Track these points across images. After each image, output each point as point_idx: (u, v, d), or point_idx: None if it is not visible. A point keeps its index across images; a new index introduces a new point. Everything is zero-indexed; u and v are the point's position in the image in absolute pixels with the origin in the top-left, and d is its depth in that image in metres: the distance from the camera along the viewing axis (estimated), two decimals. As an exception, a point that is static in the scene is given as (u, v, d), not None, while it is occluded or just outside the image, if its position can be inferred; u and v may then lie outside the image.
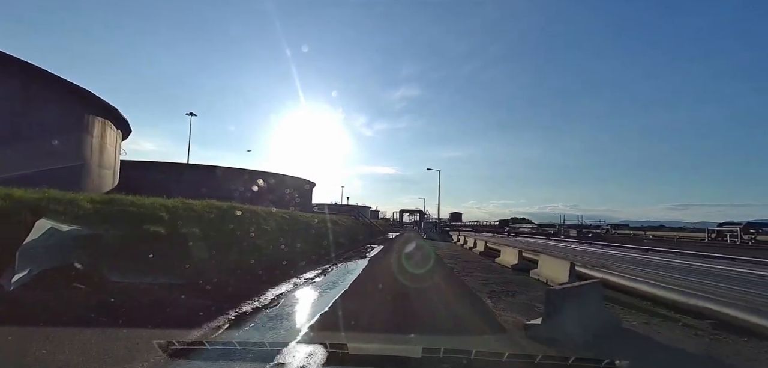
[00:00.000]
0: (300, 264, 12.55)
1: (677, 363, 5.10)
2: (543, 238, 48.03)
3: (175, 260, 8.37)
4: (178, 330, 5.30)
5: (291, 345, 4.72)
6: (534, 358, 3.17)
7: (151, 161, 38.03)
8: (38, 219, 6.74)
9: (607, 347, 5.33)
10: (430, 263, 16.00)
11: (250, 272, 9.87)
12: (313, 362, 4.06)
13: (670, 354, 5.29)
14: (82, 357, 4.09)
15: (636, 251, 21.26)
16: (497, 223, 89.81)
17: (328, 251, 17.26)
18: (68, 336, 4.64)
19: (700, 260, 16.64)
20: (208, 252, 9.45)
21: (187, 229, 9.82)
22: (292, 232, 16.38)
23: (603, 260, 14.69)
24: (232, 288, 8.07)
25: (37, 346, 4.28)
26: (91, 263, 6.78)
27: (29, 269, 6.03)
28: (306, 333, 5.61)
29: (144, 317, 5.62)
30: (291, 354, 4.34)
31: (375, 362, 3.19)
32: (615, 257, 16.50)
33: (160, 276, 7.56)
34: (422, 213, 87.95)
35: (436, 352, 3.04)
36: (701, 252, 21.38)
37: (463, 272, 13.14)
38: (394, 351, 4.04)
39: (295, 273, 10.99)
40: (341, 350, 3.29)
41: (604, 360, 3.02)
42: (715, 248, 31.30)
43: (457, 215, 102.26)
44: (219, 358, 3.38)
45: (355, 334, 5.72)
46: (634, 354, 5.13)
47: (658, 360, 5.13)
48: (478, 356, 2.99)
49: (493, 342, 5.60)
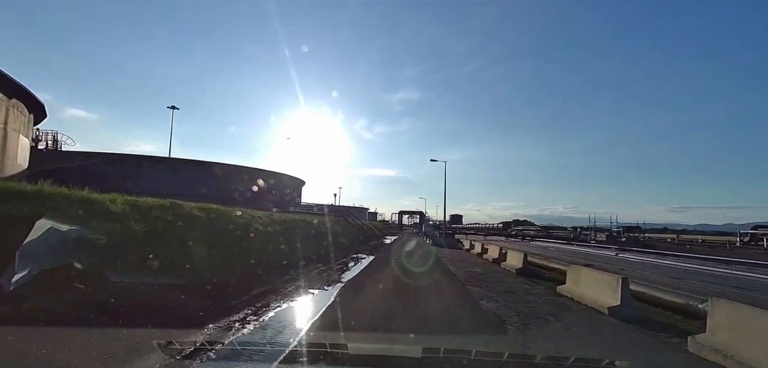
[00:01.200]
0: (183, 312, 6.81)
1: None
2: (562, 243, 42.46)
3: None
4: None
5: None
6: (534, 358, 3.17)
7: (100, 152, 29.80)
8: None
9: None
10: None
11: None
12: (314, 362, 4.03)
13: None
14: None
15: (715, 264, 16.90)
16: (500, 225, 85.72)
17: (286, 270, 11.22)
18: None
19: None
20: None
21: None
22: (246, 239, 12.08)
23: (682, 279, 11.44)
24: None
25: (35, 346, 4.27)
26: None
27: (29, 269, 6.03)
28: (306, 333, 5.58)
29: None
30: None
31: (375, 362, 3.17)
32: (693, 273, 12.82)
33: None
34: (423, 215, 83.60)
35: (436, 352, 3.03)
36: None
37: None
38: (394, 351, 4.01)
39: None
40: (341, 350, 3.28)
41: (604, 360, 3.02)
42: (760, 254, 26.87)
43: (457, 218, 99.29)
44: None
45: (355, 334, 5.70)
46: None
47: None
48: (478, 356, 2.97)
49: (493, 342, 5.57)
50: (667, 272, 13.20)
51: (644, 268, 14.52)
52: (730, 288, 11.01)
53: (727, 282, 12.26)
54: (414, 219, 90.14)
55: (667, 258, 21.07)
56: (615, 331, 6.50)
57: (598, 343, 5.92)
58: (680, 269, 14.67)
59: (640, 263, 17.41)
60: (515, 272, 13.45)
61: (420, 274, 12.99)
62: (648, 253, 25.77)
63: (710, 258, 21.79)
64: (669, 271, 13.58)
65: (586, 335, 6.23)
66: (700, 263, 17.61)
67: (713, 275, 13.63)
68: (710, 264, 17.45)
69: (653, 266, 15.91)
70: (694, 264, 17.22)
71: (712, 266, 16.69)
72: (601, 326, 6.83)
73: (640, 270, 13.07)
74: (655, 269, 14.55)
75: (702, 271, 14.80)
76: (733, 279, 12.50)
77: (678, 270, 14.22)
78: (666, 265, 16.40)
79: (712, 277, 12.85)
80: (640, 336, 6.22)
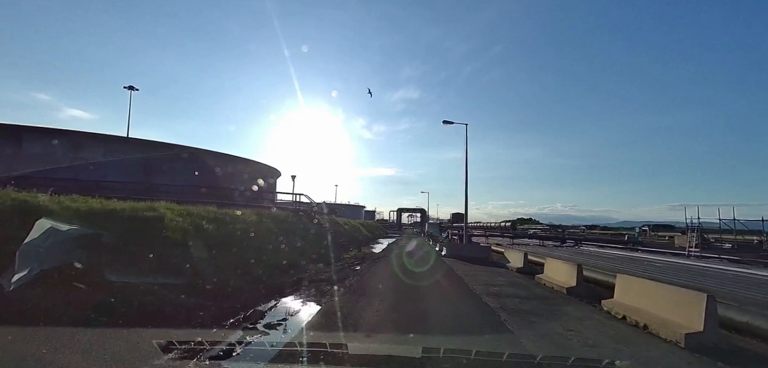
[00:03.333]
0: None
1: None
2: (614, 248, 29.64)
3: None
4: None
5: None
6: (534, 358, 3.15)
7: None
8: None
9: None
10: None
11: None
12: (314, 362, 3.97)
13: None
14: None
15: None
16: (507, 224, 63.10)
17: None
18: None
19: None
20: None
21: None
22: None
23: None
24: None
25: (36, 346, 4.27)
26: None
27: (29, 269, 6.02)
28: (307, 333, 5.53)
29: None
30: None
31: (375, 362, 3.16)
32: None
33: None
34: (424, 212, 73.59)
35: (436, 352, 3.02)
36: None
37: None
38: (394, 351, 4.00)
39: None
40: (341, 350, 3.25)
41: (605, 360, 3.00)
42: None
43: (459, 216, 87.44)
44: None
45: (355, 335, 5.68)
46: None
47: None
48: (478, 356, 2.96)
49: (493, 342, 5.54)
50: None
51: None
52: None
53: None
54: (414, 218, 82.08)
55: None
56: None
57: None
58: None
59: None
60: (566, 291, 9.65)
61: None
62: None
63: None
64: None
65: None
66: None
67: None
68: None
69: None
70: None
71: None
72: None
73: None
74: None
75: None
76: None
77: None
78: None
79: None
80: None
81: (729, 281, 11.69)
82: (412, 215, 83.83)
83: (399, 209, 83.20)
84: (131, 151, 24.47)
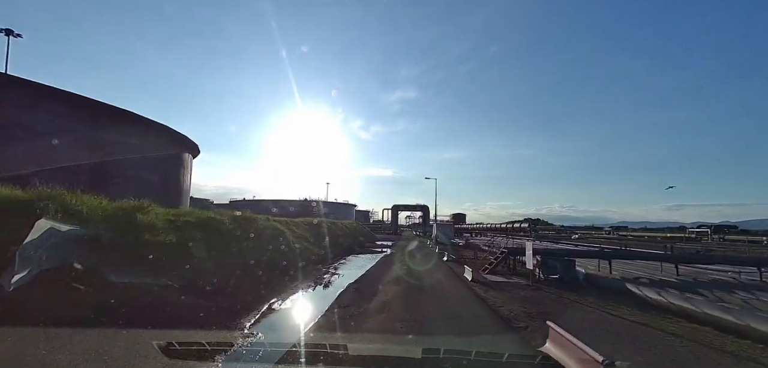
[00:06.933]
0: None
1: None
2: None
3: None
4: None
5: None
6: (534, 358, 3.14)
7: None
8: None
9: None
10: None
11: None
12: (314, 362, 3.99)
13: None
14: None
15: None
16: (524, 224, 43.48)
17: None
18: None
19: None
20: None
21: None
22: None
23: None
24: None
25: (38, 346, 4.27)
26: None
27: (29, 269, 6.00)
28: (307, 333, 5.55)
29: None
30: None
31: (375, 362, 3.14)
32: None
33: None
34: (427, 209, 61.05)
35: (436, 353, 3.00)
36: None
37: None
38: (394, 351, 3.98)
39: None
40: (341, 351, 3.24)
41: (605, 360, 2.99)
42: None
43: (460, 217, 77.01)
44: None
45: (355, 335, 5.67)
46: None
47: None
48: (478, 356, 2.94)
49: (493, 342, 5.52)
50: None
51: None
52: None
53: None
54: (414, 219, 69.95)
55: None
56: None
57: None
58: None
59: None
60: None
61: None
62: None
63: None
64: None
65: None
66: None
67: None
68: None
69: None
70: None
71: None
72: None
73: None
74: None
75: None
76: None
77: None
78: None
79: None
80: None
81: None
82: (411, 214, 70.63)
83: (394, 206, 64.83)
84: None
